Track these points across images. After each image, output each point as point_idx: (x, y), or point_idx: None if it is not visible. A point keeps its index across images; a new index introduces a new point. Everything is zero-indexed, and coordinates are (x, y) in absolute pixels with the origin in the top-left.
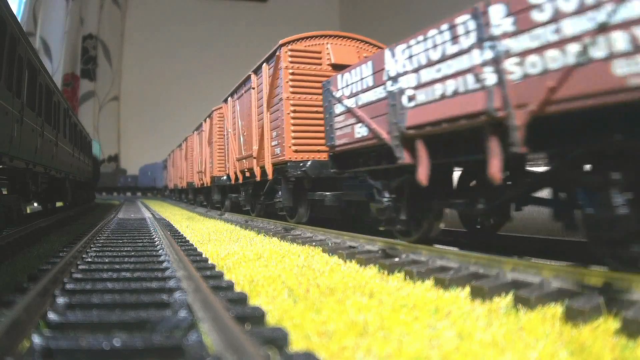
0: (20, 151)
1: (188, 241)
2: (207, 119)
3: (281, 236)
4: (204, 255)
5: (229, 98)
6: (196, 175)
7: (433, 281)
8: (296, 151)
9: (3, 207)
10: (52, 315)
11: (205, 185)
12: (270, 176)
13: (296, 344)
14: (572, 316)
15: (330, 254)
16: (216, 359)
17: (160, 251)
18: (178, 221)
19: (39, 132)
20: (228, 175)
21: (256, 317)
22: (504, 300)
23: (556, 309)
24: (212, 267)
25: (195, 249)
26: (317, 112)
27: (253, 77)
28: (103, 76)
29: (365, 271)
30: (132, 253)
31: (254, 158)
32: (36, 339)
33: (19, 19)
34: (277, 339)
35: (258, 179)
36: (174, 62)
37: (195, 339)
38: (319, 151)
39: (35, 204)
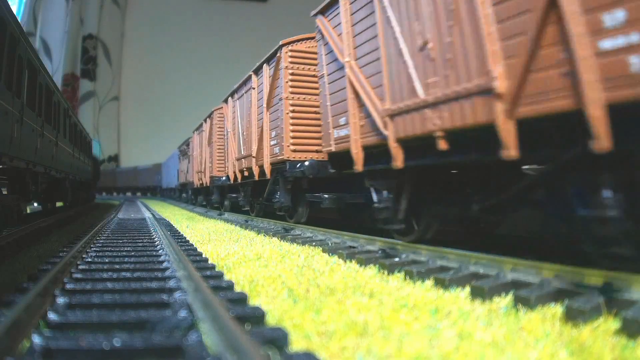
0: (20, 151)
1: (188, 241)
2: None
3: (281, 236)
4: (204, 255)
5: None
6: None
7: (433, 281)
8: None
9: (3, 207)
10: (52, 315)
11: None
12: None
13: (296, 344)
14: (572, 316)
15: (330, 254)
16: (216, 359)
17: (160, 251)
18: (178, 221)
19: (39, 132)
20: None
21: (256, 317)
22: (504, 300)
23: (556, 309)
24: (212, 267)
25: (196, 249)
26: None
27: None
28: (103, 76)
29: (365, 271)
30: (132, 253)
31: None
32: (36, 339)
33: (19, 19)
34: (277, 339)
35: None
36: (174, 62)
37: (195, 339)
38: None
39: (35, 204)
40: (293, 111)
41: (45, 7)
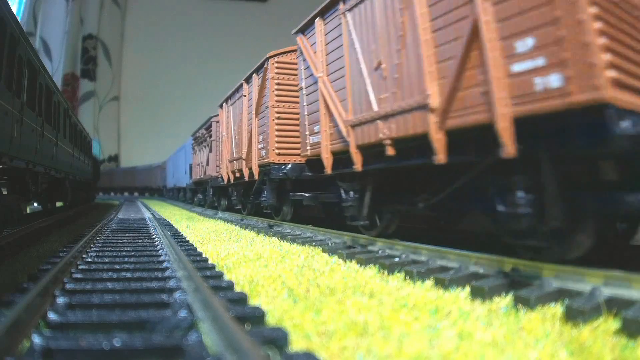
0: (20, 151)
1: (188, 241)
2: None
3: (281, 236)
4: (204, 255)
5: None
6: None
7: (433, 281)
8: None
9: (3, 207)
10: (52, 315)
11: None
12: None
13: (296, 344)
14: (572, 316)
15: (330, 254)
16: (216, 359)
17: (160, 251)
18: (178, 221)
19: (39, 132)
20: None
21: (256, 317)
22: (504, 300)
23: (556, 309)
24: (212, 267)
25: (195, 249)
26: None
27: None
28: (103, 76)
29: (365, 271)
30: (132, 253)
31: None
32: (36, 339)
33: (19, 19)
34: (277, 339)
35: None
36: (174, 61)
37: (195, 339)
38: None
39: (35, 204)
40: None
41: (45, 7)
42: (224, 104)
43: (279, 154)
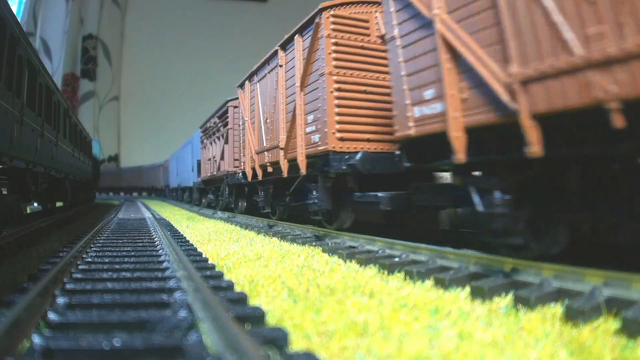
0: (21, 151)
1: (188, 241)
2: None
3: (281, 236)
4: (204, 255)
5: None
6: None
7: (433, 281)
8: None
9: (3, 207)
10: (52, 315)
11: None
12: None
13: (296, 344)
14: (572, 316)
15: (330, 254)
16: (216, 359)
17: (160, 251)
18: (178, 221)
19: (39, 132)
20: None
21: (256, 317)
22: (504, 300)
23: (556, 309)
24: (212, 267)
25: (195, 249)
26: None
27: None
28: (103, 76)
29: (365, 271)
30: (132, 253)
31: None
32: (36, 339)
33: (19, 19)
34: (277, 339)
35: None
36: (174, 61)
37: (195, 339)
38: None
39: (35, 204)
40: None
41: (45, 7)
42: (247, 82)
43: (341, 139)
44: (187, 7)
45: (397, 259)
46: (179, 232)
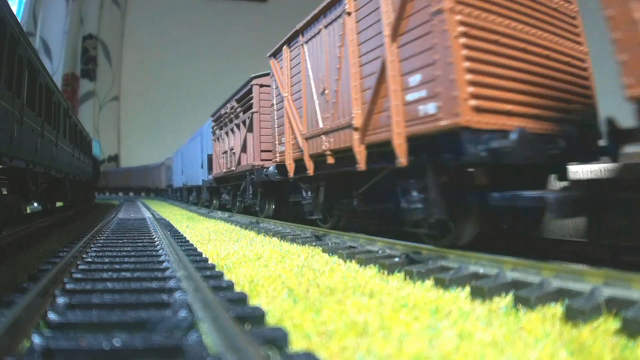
0: (20, 151)
1: (188, 241)
2: None
3: (281, 236)
4: (204, 255)
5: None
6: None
7: (433, 281)
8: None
9: (3, 207)
10: (52, 315)
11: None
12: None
13: (296, 344)
14: (572, 316)
15: (330, 254)
16: (216, 359)
17: (160, 251)
18: (178, 221)
19: (39, 132)
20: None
21: (256, 317)
22: (504, 300)
23: (556, 309)
24: (212, 267)
25: (195, 249)
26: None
27: None
28: (103, 76)
29: (365, 271)
30: (132, 253)
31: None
32: (36, 339)
33: (19, 19)
34: (277, 339)
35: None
36: (174, 61)
37: (195, 339)
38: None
39: (35, 204)
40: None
41: (45, 7)
42: (285, 47)
43: (477, 109)
44: (187, 7)
45: (397, 259)
46: (179, 232)
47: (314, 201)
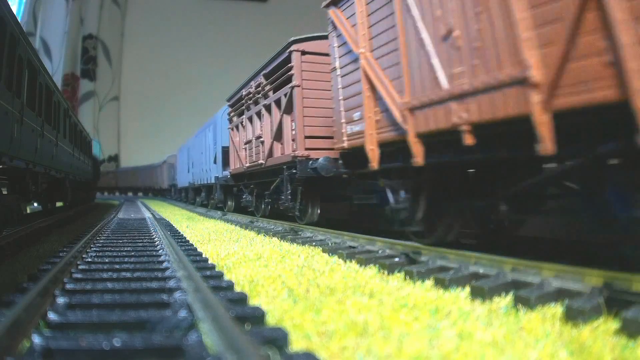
0: (20, 151)
1: (188, 241)
2: None
3: (281, 236)
4: (204, 255)
5: None
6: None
7: (433, 281)
8: None
9: (3, 207)
10: (52, 315)
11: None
12: None
13: (296, 344)
14: (572, 316)
15: (330, 254)
16: (216, 359)
17: (160, 251)
18: (177, 221)
19: (39, 132)
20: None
21: (256, 317)
22: (504, 300)
23: (556, 309)
24: (212, 267)
25: (195, 249)
26: None
27: None
28: (103, 76)
29: (365, 271)
30: (132, 253)
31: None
32: (36, 339)
33: (19, 19)
34: (277, 339)
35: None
36: (174, 61)
37: (195, 339)
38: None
39: (35, 204)
40: None
41: (45, 7)
42: None
43: None
44: (187, 7)
45: (397, 259)
46: (179, 232)
47: (413, 204)
